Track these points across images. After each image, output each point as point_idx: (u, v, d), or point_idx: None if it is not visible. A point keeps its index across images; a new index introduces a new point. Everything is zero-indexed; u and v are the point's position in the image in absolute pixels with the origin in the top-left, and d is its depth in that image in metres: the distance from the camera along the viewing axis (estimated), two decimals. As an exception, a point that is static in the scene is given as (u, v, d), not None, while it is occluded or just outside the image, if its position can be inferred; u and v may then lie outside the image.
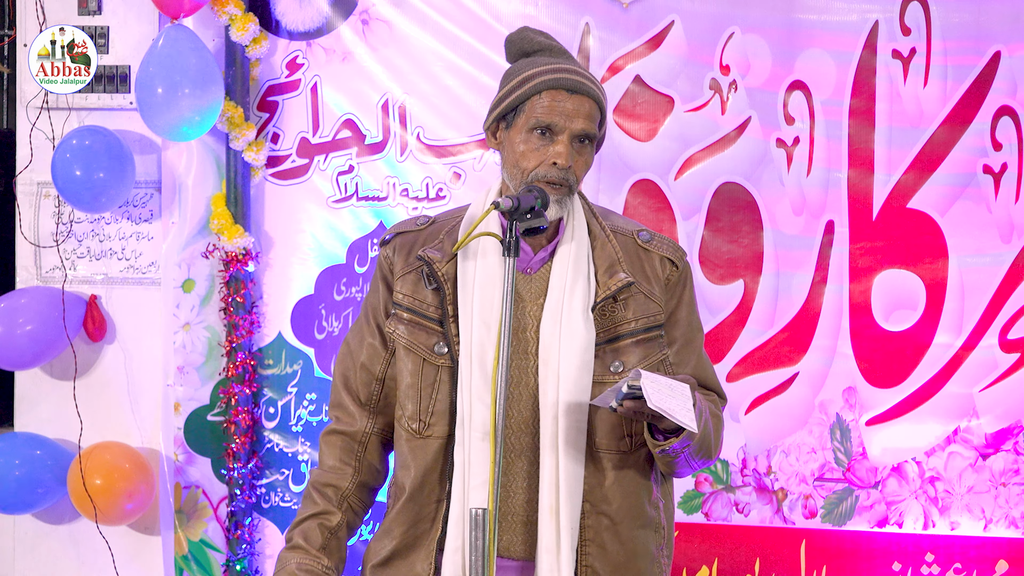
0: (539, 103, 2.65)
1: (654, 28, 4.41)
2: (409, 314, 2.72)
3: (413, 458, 2.70)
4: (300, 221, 4.59)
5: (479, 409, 2.62)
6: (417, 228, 2.80)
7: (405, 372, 2.72)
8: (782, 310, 4.39)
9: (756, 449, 4.42)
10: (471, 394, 2.63)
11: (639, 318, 2.72)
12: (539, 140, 2.65)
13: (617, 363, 2.69)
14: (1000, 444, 4.32)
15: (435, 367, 2.70)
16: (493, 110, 2.73)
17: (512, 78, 2.71)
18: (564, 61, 2.71)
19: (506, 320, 2.51)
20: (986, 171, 4.30)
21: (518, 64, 2.74)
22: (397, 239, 2.80)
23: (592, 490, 2.68)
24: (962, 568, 4.31)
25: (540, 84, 2.65)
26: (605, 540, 2.68)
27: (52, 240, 4.65)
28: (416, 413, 2.70)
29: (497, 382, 2.50)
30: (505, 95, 2.70)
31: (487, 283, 2.66)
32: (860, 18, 4.33)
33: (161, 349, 4.61)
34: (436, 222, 2.81)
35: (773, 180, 4.39)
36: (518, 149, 2.66)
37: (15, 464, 4.52)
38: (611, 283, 2.69)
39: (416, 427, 2.70)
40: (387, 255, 2.79)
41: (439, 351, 2.69)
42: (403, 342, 2.72)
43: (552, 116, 2.64)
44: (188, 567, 4.59)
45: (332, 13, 4.55)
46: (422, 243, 2.76)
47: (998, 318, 4.30)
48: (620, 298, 2.70)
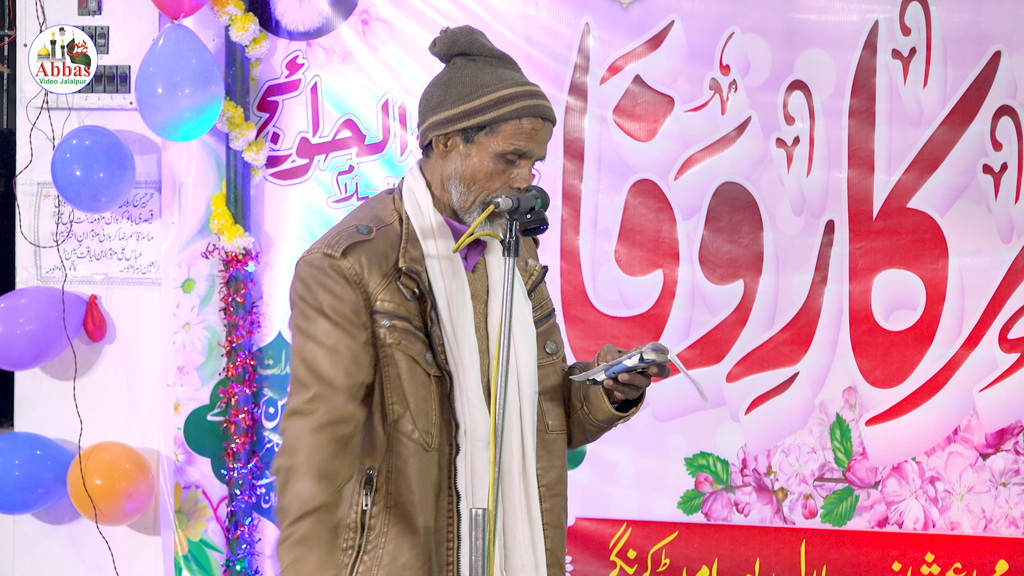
0: (518, 129, 2.58)
1: (654, 28, 4.41)
2: (403, 323, 2.62)
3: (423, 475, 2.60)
4: (300, 221, 4.59)
5: (483, 416, 2.61)
6: (367, 238, 2.62)
7: (416, 385, 2.61)
8: (782, 310, 4.39)
9: (756, 449, 4.42)
10: (469, 402, 2.61)
11: (548, 299, 2.79)
12: (505, 164, 2.59)
13: (551, 344, 2.73)
14: (1000, 444, 4.32)
15: (428, 376, 2.63)
16: (452, 122, 2.60)
17: (480, 91, 2.59)
18: (526, 79, 2.64)
19: (506, 320, 2.51)
20: (986, 171, 4.30)
21: (476, 72, 2.62)
22: (356, 251, 2.60)
23: (546, 473, 2.70)
24: (962, 568, 4.31)
25: (521, 110, 2.58)
26: (560, 520, 2.73)
27: (52, 240, 4.65)
28: (428, 426, 2.61)
29: (498, 382, 2.49)
30: (474, 111, 2.59)
31: (458, 291, 2.64)
32: (860, 18, 4.33)
33: (161, 349, 4.61)
34: (379, 229, 2.64)
35: (773, 180, 4.39)
36: (481, 167, 2.59)
37: (15, 464, 4.52)
38: (530, 270, 2.74)
39: (427, 441, 2.61)
40: (352, 267, 2.57)
41: (428, 360, 2.63)
42: (410, 352, 2.61)
43: (529, 144, 2.60)
44: (188, 567, 4.59)
45: (332, 13, 4.55)
46: (384, 253, 2.62)
47: (998, 318, 4.30)
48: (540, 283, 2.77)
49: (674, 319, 4.42)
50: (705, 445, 4.43)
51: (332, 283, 2.57)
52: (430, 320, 2.62)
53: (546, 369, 2.72)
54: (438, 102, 2.63)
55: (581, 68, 4.43)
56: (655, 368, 2.53)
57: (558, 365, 2.76)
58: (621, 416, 2.68)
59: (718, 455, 4.43)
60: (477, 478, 2.60)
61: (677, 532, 4.43)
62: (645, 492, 4.45)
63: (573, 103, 4.44)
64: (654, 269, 4.44)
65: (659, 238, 4.43)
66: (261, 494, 4.60)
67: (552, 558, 2.71)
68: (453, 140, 2.61)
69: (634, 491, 4.45)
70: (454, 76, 2.64)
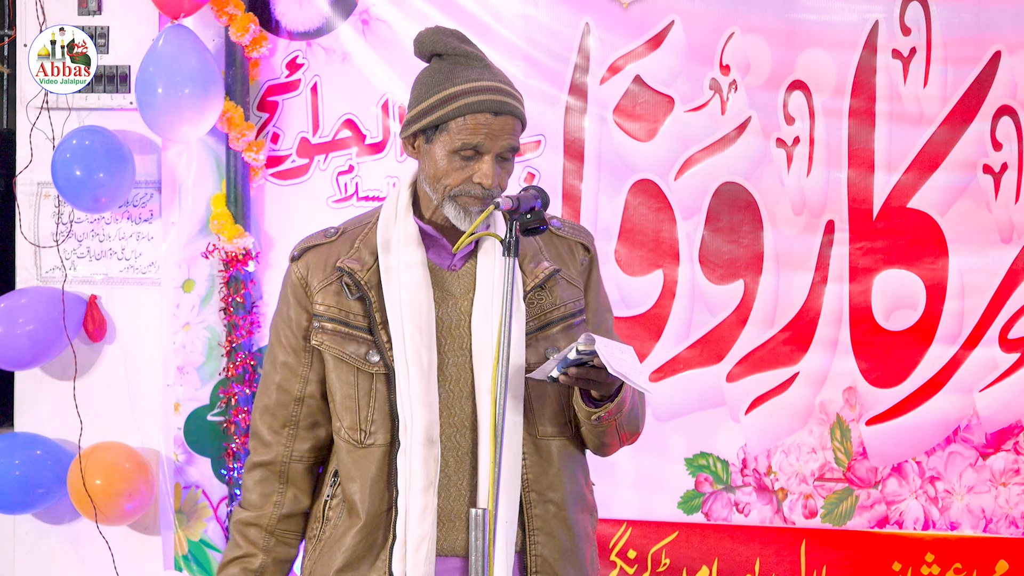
0: (463, 126, 2.60)
1: (654, 28, 4.41)
2: (334, 324, 2.68)
3: (357, 469, 2.67)
4: (300, 221, 4.58)
5: (420, 414, 2.61)
6: (327, 240, 2.75)
7: (339, 384, 2.68)
8: (782, 310, 4.39)
9: (756, 449, 4.42)
10: (411, 400, 2.62)
11: (566, 303, 2.75)
12: (462, 160, 2.61)
13: (552, 350, 2.71)
14: (1000, 444, 4.32)
15: (369, 375, 2.67)
16: (411, 124, 2.66)
17: (431, 92, 2.63)
18: (484, 74, 2.65)
19: (506, 321, 2.51)
20: (986, 171, 4.30)
21: (434, 72, 2.66)
22: (308, 254, 2.74)
23: (538, 479, 2.69)
24: (962, 568, 4.31)
25: (463, 107, 2.60)
26: (553, 528, 2.70)
27: (52, 240, 4.65)
28: (356, 423, 2.67)
29: (498, 383, 2.49)
30: (424, 112, 2.63)
31: (413, 288, 2.65)
32: (860, 18, 4.33)
33: (161, 349, 4.61)
34: (346, 231, 2.76)
35: (773, 180, 4.39)
36: (439, 166, 2.63)
37: (15, 464, 4.52)
38: (538, 271, 2.71)
39: (357, 437, 2.67)
40: (298, 271, 2.73)
41: (371, 359, 2.66)
42: (334, 352, 2.68)
43: (476, 138, 2.60)
44: (188, 567, 4.59)
45: (332, 13, 4.55)
46: (336, 255, 2.71)
47: (998, 318, 4.30)
48: (547, 286, 2.73)
49: (674, 319, 4.42)
50: (705, 445, 4.43)
51: (285, 290, 2.77)
52: (372, 319, 2.66)
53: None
54: (409, 104, 2.70)
55: (581, 68, 4.43)
56: (597, 359, 2.51)
57: None
58: (594, 412, 2.65)
59: (718, 455, 4.43)
60: (414, 475, 2.62)
61: (677, 532, 4.43)
62: (645, 492, 4.45)
63: (573, 103, 4.44)
64: (654, 269, 4.44)
65: (659, 238, 4.43)
66: (261, 494, 4.59)
67: (543, 565, 2.69)
68: (418, 142, 2.68)
69: (634, 491, 4.45)
70: (420, 78, 2.70)
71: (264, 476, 2.75)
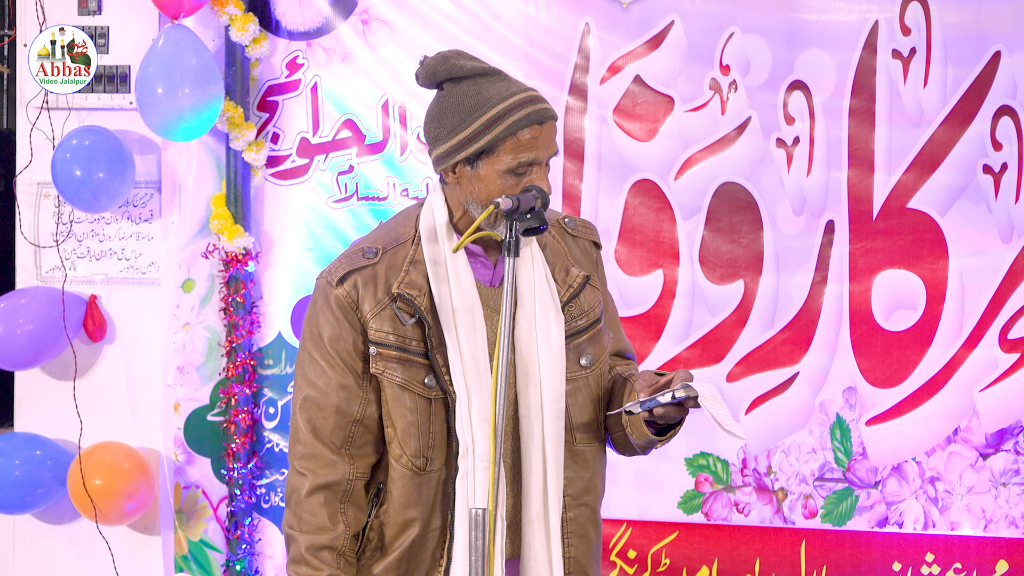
0: (515, 145, 2.58)
1: (654, 28, 4.41)
2: (398, 352, 2.66)
3: (419, 496, 2.68)
4: (300, 221, 4.59)
5: (481, 440, 2.63)
6: (370, 262, 2.68)
7: (401, 410, 2.66)
8: (782, 310, 4.39)
9: (756, 449, 4.42)
10: (472, 425, 2.63)
11: (593, 308, 2.77)
12: (515, 177, 2.60)
13: (587, 356, 2.73)
14: (1000, 444, 4.32)
15: (428, 400, 2.67)
16: (454, 154, 2.61)
17: (469, 118, 2.59)
18: (511, 86, 2.62)
19: (506, 322, 2.52)
20: (986, 171, 4.30)
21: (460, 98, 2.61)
22: (354, 277, 2.68)
23: (572, 483, 2.73)
24: (962, 568, 4.31)
25: (511, 126, 2.58)
26: (588, 529, 2.75)
27: (52, 240, 4.65)
28: (420, 450, 2.67)
29: (498, 385, 2.50)
30: (469, 139, 2.59)
31: (467, 311, 2.65)
32: (860, 18, 4.33)
33: (161, 349, 4.61)
34: (386, 251, 2.70)
35: (773, 180, 4.39)
36: (492, 186, 2.61)
37: (15, 464, 4.52)
38: (570, 280, 2.72)
39: (421, 465, 2.67)
40: (348, 294, 2.66)
41: (429, 384, 2.66)
42: (398, 380, 2.66)
43: (531, 154, 2.59)
44: (188, 567, 4.59)
45: (332, 13, 4.55)
46: (385, 278, 2.67)
47: (998, 318, 4.30)
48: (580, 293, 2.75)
49: (674, 319, 4.42)
50: (705, 445, 4.43)
51: (329, 314, 2.68)
52: (429, 343, 2.65)
53: (577, 383, 2.73)
54: (435, 135, 2.66)
55: (581, 68, 4.43)
56: (691, 402, 2.58)
57: (592, 378, 2.76)
58: (660, 439, 2.71)
59: (718, 455, 4.43)
60: (478, 499, 2.63)
61: (677, 532, 4.43)
62: (645, 492, 4.46)
63: (573, 103, 4.44)
64: (654, 269, 4.44)
65: (659, 238, 4.43)
66: (261, 494, 4.60)
67: (576, 566, 2.74)
68: (460, 168, 2.64)
69: (634, 491, 4.45)
70: (443, 107, 2.65)
71: (328, 498, 2.69)
